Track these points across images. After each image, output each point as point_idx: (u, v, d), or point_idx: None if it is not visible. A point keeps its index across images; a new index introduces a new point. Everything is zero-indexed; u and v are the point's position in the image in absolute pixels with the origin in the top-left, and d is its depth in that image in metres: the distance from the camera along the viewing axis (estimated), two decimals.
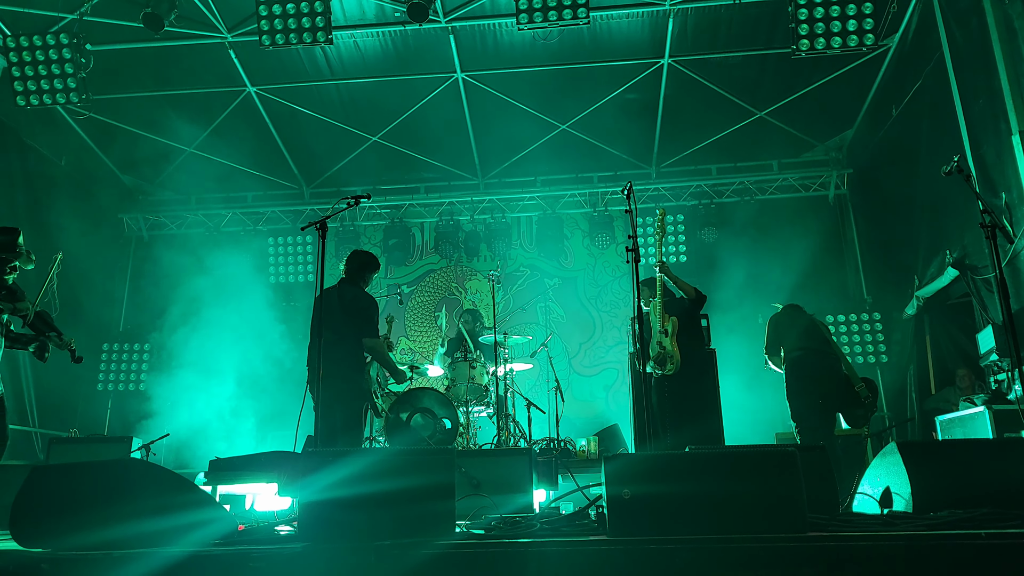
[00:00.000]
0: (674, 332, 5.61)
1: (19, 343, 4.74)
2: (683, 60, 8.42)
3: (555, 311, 10.34)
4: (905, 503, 3.02)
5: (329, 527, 2.67)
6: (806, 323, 6.01)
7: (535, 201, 10.49)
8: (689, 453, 2.88)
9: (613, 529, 2.54)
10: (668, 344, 5.58)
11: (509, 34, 8.10)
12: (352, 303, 5.26)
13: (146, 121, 9.27)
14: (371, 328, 5.24)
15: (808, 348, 5.79)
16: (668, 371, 5.55)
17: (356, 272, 5.45)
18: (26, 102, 7.77)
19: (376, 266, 5.57)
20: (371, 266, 5.51)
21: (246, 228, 10.76)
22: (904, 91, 7.97)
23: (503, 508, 3.95)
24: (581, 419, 9.39)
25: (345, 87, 9.03)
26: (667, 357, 5.57)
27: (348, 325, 5.15)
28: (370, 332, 5.23)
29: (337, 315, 5.14)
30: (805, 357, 5.77)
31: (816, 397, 5.62)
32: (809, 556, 2.26)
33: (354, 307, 5.24)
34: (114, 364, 10.23)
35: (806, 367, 5.73)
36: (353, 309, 5.23)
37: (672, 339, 5.60)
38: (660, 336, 5.66)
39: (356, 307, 5.24)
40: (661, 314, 5.67)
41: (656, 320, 5.70)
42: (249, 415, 9.25)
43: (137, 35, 7.72)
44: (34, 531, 2.84)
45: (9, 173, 8.32)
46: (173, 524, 2.76)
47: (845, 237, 10.02)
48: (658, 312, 5.69)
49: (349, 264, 5.50)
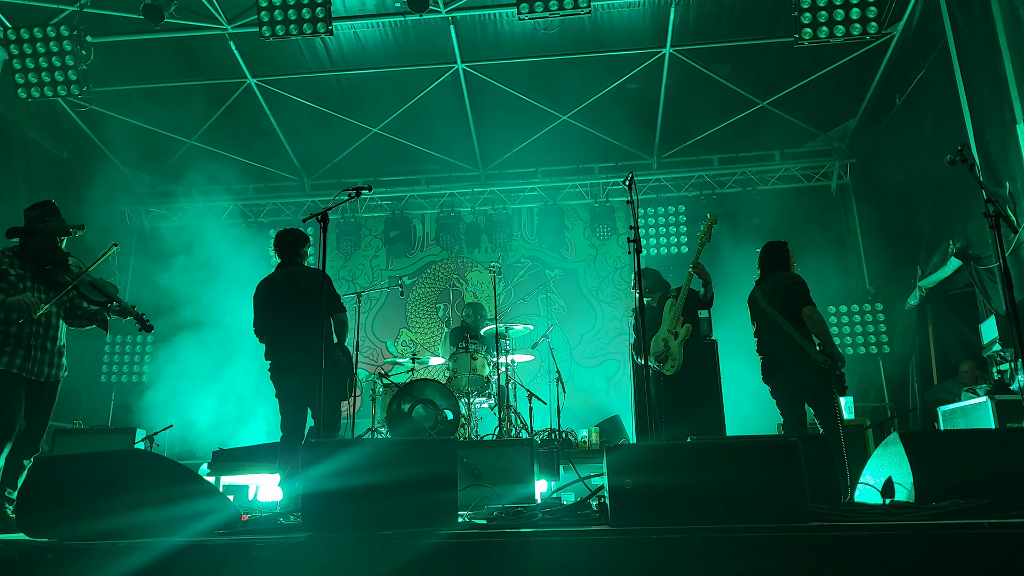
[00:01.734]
0: (684, 338, 5.51)
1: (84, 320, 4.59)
2: (685, 49, 8.39)
3: (556, 302, 10.34)
4: (907, 493, 3.03)
5: (332, 517, 2.68)
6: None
7: (536, 192, 10.47)
8: (690, 443, 2.89)
9: (615, 519, 2.55)
10: (674, 346, 5.51)
11: (510, 24, 8.06)
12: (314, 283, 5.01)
13: (147, 113, 9.25)
14: (338, 303, 5.08)
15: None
16: (666, 370, 5.47)
17: (289, 251, 5.26)
18: (27, 95, 7.77)
19: (304, 239, 5.35)
20: (300, 240, 5.31)
21: (247, 220, 10.76)
22: (908, 80, 7.94)
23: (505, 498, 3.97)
24: (582, 410, 9.40)
25: (346, 78, 9.01)
26: (669, 356, 5.50)
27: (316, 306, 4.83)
28: (339, 307, 5.08)
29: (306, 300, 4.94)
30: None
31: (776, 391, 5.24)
32: (811, 545, 2.26)
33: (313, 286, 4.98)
34: (117, 356, 10.26)
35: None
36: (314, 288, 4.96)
37: (680, 343, 5.51)
38: (668, 335, 5.56)
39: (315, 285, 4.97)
40: (678, 316, 5.55)
41: (669, 318, 5.58)
42: (251, 406, 9.28)
43: (137, 27, 7.71)
44: (40, 521, 2.86)
45: (11, 166, 8.32)
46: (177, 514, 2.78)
47: (847, 227, 10.00)
48: (674, 312, 5.57)
49: (279, 247, 5.30)
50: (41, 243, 4.31)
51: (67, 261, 4.41)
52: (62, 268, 4.37)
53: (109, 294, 4.51)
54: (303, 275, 5.14)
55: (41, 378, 4.27)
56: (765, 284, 5.21)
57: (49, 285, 4.33)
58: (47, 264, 4.33)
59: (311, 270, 5.26)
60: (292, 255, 5.26)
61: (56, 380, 4.41)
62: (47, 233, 4.33)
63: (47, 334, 4.32)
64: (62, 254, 4.41)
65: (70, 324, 4.59)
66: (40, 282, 4.31)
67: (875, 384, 9.15)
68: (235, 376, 9.17)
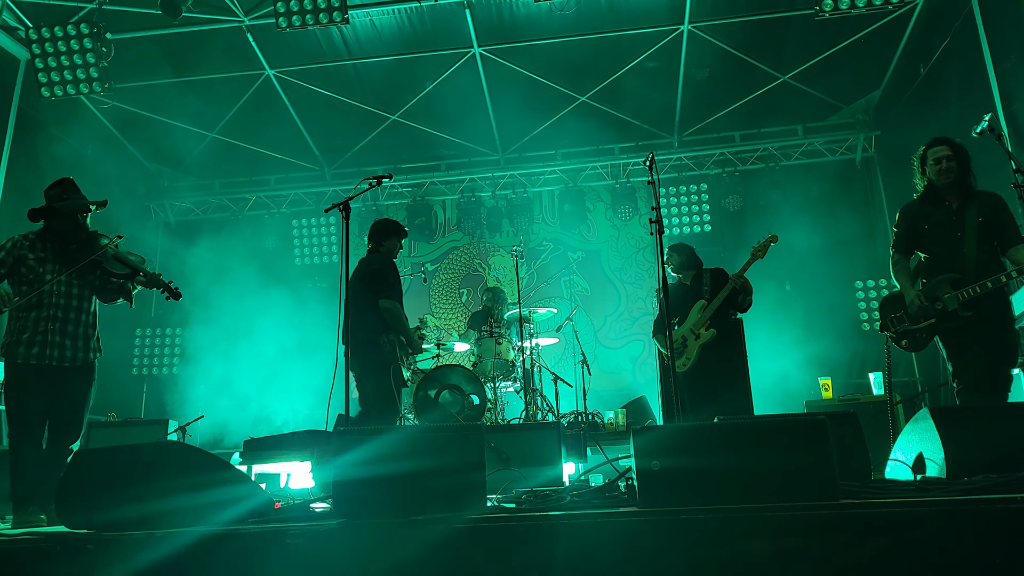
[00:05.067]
0: (705, 341, 5.41)
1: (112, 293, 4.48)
2: (703, 26, 8.26)
3: (579, 284, 10.32)
4: (939, 469, 3.00)
5: (363, 504, 2.72)
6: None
7: (556, 174, 10.43)
8: (717, 424, 2.88)
9: (643, 500, 2.55)
10: (692, 346, 5.44)
11: (525, 6, 8.00)
12: (366, 268, 5.27)
13: (168, 108, 9.34)
14: (384, 288, 5.17)
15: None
16: (678, 366, 5.37)
17: (376, 238, 5.47)
18: (50, 93, 7.88)
19: (395, 229, 5.52)
20: (390, 230, 5.48)
21: (270, 211, 10.86)
22: (932, 49, 7.76)
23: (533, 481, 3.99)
24: (608, 391, 9.41)
25: (363, 66, 9.02)
26: (684, 353, 5.45)
27: (367, 293, 5.12)
28: (383, 292, 5.16)
29: (359, 285, 5.16)
30: None
31: None
32: (842, 523, 2.25)
33: (368, 271, 5.24)
34: (147, 349, 10.45)
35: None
36: (368, 274, 5.23)
37: (699, 345, 5.42)
38: (689, 334, 5.48)
39: (370, 271, 5.24)
40: (705, 320, 5.45)
41: (696, 315, 5.48)
42: (282, 394, 9.41)
43: (156, 22, 7.79)
44: (79, 512, 2.93)
45: (37, 164, 8.45)
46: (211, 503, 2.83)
47: (873, 201, 9.84)
48: (704, 316, 5.46)
49: (370, 233, 5.54)
50: (63, 223, 4.20)
51: (95, 238, 4.28)
52: (88, 246, 4.23)
53: (134, 266, 4.36)
54: (364, 262, 5.37)
55: (65, 363, 4.17)
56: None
57: (72, 265, 4.18)
58: (72, 244, 4.21)
59: (373, 257, 5.41)
60: (373, 243, 5.48)
61: (85, 363, 4.28)
62: (67, 211, 4.18)
63: (67, 316, 4.20)
64: (87, 232, 4.27)
65: (101, 300, 4.48)
66: (63, 263, 4.19)
67: (905, 359, 9.04)
68: (263, 366, 9.30)
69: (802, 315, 8.92)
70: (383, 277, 5.19)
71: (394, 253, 5.52)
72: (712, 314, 5.46)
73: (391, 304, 5.16)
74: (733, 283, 5.42)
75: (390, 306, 5.16)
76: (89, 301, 4.39)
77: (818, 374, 7.59)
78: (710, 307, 5.46)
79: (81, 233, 4.26)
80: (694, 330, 5.47)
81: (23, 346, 4.08)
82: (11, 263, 4.15)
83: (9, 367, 4.12)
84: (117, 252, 4.33)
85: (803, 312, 8.95)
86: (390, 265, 5.32)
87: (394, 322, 5.18)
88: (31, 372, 4.09)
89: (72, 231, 4.23)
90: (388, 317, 5.16)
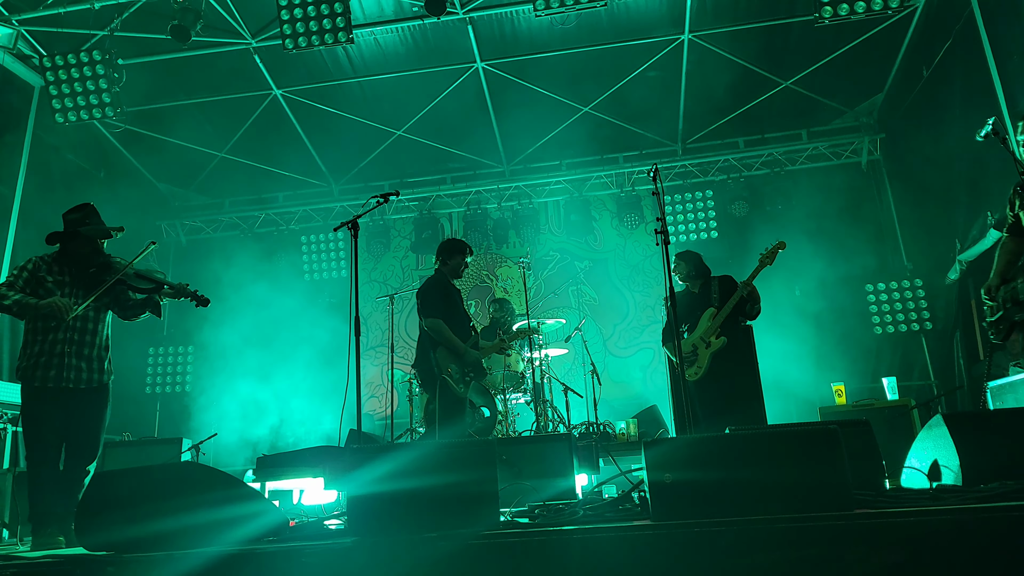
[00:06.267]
0: (716, 350, 5.39)
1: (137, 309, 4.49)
2: (703, 35, 8.30)
3: (587, 294, 10.33)
4: (954, 476, 2.99)
5: (376, 521, 2.74)
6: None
7: (561, 185, 10.46)
8: (729, 435, 2.89)
9: (656, 513, 2.56)
10: (703, 354, 5.42)
11: (527, 21, 8.07)
12: (418, 291, 5.55)
13: (178, 129, 9.45)
14: (426, 308, 5.37)
15: None
16: (688, 375, 5.35)
17: (442, 256, 5.64)
18: (64, 119, 7.98)
19: (460, 248, 5.65)
20: (455, 249, 5.63)
21: (279, 228, 10.93)
22: (934, 51, 7.76)
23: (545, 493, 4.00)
24: (619, 400, 9.40)
25: (368, 84, 9.10)
26: (696, 362, 5.42)
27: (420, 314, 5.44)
28: (425, 312, 5.36)
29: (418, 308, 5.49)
30: None
31: None
32: (856, 533, 2.25)
33: (418, 294, 5.51)
34: (160, 367, 10.51)
35: None
36: (418, 296, 5.51)
37: (710, 353, 5.40)
38: (700, 342, 5.45)
39: (419, 293, 5.51)
40: (716, 328, 5.43)
41: (706, 323, 5.46)
42: (294, 411, 9.45)
43: (166, 47, 7.91)
44: (98, 534, 2.96)
45: (51, 188, 8.56)
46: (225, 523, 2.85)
47: (881, 203, 9.82)
48: (714, 324, 5.43)
49: (436, 251, 5.72)
50: (83, 247, 4.25)
51: (110, 262, 4.32)
52: (105, 270, 4.26)
53: (158, 280, 4.40)
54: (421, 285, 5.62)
55: (82, 385, 4.21)
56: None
57: (90, 288, 4.22)
58: (90, 268, 4.25)
59: (427, 279, 5.66)
60: (439, 261, 5.66)
61: (101, 385, 4.33)
62: (89, 236, 4.24)
63: (83, 339, 4.24)
64: (104, 256, 4.32)
65: (124, 318, 4.51)
66: (81, 287, 4.24)
67: (919, 362, 8.99)
68: (276, 382, 9.35)
69: (813, 320, 8.89)
70: (426, 298, 5.42)
71: (458, 271, 5.65)
72: (722, 322, 5.45)
73: (432, 322, 5.32)
74: (741, 291, 5.41)
75: (432, 324, 5.32)
76: (104, 324, 4.44)
77: (831, 379, 7.56)
78: (720, 315, 5.45)
79: (99, 257, 4.31)
80: (704, 338, 5.46)
81: (40, 369, 4.11)
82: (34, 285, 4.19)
83: (26, 390, 4.15)
84: (139, 269, 4.38)
85: (814, 317, 8.91)
86: (435, 285, 5.49)
87: (440, 339, 5.31)
88: (48, 395, 4.12)
89: (91, 255, 4.29)
90: (433, 335, 5.33)
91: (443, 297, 5.45)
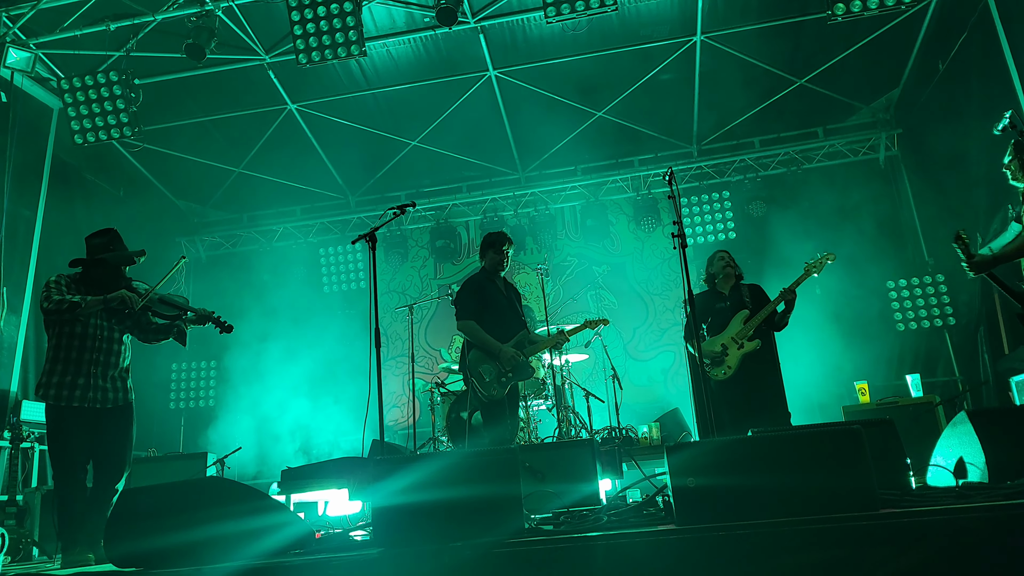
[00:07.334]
0: (748, 352, 5.32)
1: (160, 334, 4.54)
2: (715, 35, 8.28)
3: (606, 298, 10.31)
4: (980, 473, 2.95)
5: (402, 531, 2.75)
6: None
7: (577, 190, 10.47)
8: (752, 437, 2.87)
9: (680, 518, 2.56)
10: (734, 355, 5.34)
11: (538, 28, 8.10)
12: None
13: (195, 147, 9.59)
14: (458, 310, 5.39)
15: None
16: (715, 375, 5.31)
17: (481, 253, 5.66)
18: (83, 140, 8.11)
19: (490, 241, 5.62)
20: (487, 243, 5.64)
21: (297, 241, 11.04)
22: (950, 45, 7.68)
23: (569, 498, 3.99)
24: (641, 404, 9.36)
25: (382, 95, 9.17)
26: (724, 363, 5.35)
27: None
28: (457, 314, 5.39)
29: None
30: None
31: None
32: (882, 534, 2.23)
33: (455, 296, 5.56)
34: (183, 383, 10.61)
35: None
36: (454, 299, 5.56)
37: (742, 355, 5.32)
38: (731, 342, 5.38)
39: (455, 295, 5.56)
40: (749, 332, 5.34)
41: (738, 325, 5.39)
42: (319, 423, 9.51)
43: (181, 65, 8.05)
44: (127, 550, 3.00)
45: (72, 209, 8.71)
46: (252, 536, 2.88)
47: (900, 199, 9.73)
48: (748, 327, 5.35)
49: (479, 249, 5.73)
50: (106, 272, 4.31)
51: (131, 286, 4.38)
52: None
53: (181, 306, 4.43)
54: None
55: (108, 404, 4.27)
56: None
57: (111, 312, 4.28)
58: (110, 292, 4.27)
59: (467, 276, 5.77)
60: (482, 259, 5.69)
61: (125, 403, 4.39)
62: (113, 263, 4.31)
63: (108, 360, 4.31)
64: (125, 280, 4.38)
65: (146, 341, 4.55)
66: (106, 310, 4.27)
67: (943, 357, 8.88)
68: (298, 395, 9.42)
69: (835, 318, 8.81)
70: (458, 300, 5.48)
71: (497, 265, 5.59)
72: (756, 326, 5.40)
73: (462, 324, 5.36)
74: (786, 296, 5.34)
75: (463, 326, 5.36)
76: (126, 346, 4.50)
77: (854, 378, 7.48)
78: (755, 317, 5.37)
79: (121, 282, 4.37)
80: (736, 339, 5.40)
81: (66, 388, 4.17)
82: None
83: (52, 410, 4.20)
84: (162, 295, 4.42)
85: (835, 315, 8.83)
86: (468, 285, 5.52)
87: (473, 340, 5.31)
88: (74, 415, 4.18)
89: (112, 281, 4.34)
90: (466, 336, 5.37)
91: (475, 297, 5.39)
